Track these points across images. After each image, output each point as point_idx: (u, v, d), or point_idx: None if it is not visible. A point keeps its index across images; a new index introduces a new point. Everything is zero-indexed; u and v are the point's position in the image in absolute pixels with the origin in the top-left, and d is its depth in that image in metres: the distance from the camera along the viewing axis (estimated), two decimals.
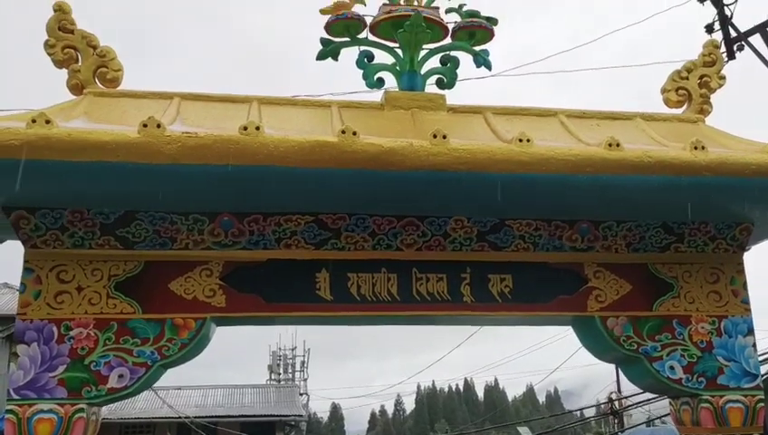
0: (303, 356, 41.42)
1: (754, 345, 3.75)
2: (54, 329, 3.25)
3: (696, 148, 3.35)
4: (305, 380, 40.20)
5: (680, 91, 4.31)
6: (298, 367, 41.43)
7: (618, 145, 3.31)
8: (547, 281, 3.70)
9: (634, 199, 3.44)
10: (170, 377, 3.61)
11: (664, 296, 3.75)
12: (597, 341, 3.75)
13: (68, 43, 3.80)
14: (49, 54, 3.79)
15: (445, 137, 3.22)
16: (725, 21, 10.45)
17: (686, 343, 3.69)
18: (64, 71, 3.84)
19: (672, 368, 3.65)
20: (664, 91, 4.34)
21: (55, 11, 3.83)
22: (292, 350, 41.78)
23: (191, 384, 29.68)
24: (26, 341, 3.21)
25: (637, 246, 3.76)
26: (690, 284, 3.79)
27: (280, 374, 41.10)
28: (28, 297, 3.28)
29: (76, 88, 3.78)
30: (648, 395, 11.16)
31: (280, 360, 41.68)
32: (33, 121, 2.94)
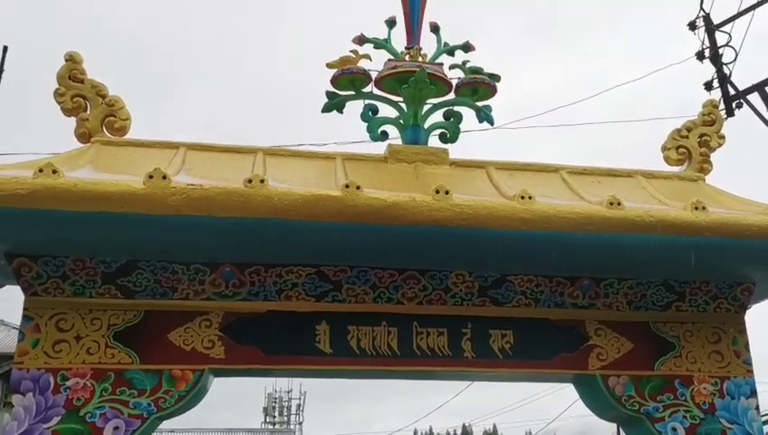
0: (300, 399, 40.82)
1: (757, 408, 3.71)
2: (51, 379, 3.22)
3: (696, 208, 3.37)
4: (301, 423, 39.53)
5: (680, 150, 4.36)
6: (294, 410, 40.78)
7: (619, 204, 3.34)
8: (548, 337, 3.68)
9: (635, 258, 3.45)
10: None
11: (665, 356, 3.73)
12: (598, 400, 3.72)
13: (77, 93, 3.86)
14: (58, 103, 3.85)
15: (447, 192, 3.25)
16: (724, 79, 10.64)
17: (689, 404, 3.65)
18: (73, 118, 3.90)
19: (674, 429, 3.60)
20: (664, 148, 4.39)
21: (66, 60, 3.91)
22: (288, 392, 41.21)
23: (184, 427, 29.19)
24: (22, 391, 3.17)
25: (638, 303, 3.76)
26: (692, 343, 3.77)
27: (275, 417, 40.43)
28: (26, 346, 3.26)
29: (84, 136, 3.83)
30: None
31: (275, 402, 41.07)
32: (41, 171, 2.97)
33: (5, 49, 11.84)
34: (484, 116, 4.33)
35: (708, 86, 10.84)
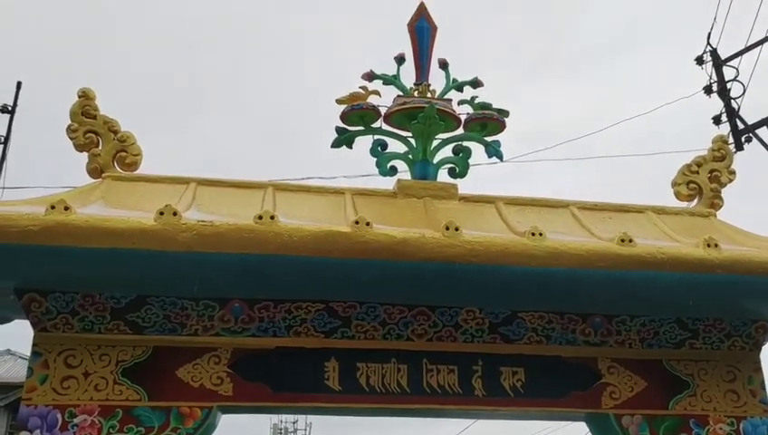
0: (305, 430, 40.31)
1: None
2: (59, 415, 3.19)
3: (709, 245, 3.35)
4: None
5: (691, 185, 4.35)
6: None
7: (630, 241, 3.31)
8: (560, 375, 3.63)
9: (647, 295, 3.42)
10: None
11: (680, 394, 3.66)
12: None
13: (90, 128, 3.90)
14: (71, 138, 3.88)
15: (457, 229, 3.24)
16: (733, 113, 10.66)
17: None
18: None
19: None
20: (675, 184, 4.38)
21: (79, 97, 3.95)
22: (294, 423, 40.68)
23: None
24: (29, 428, 3.15)
25: (651, 341, 3.71)
26: (707, 382, 3.71)
27: None
28: (34, 382, 3.24)
29: (95, 171, 3.85)
30: None
31: (281, 433, 40.56)
32: (53, 208, 2.98)
33: (19, 85, 12.03)
34: (493, 151, 4.35)
35: (717, 120, 10.85)
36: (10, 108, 11.57)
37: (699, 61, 11.34)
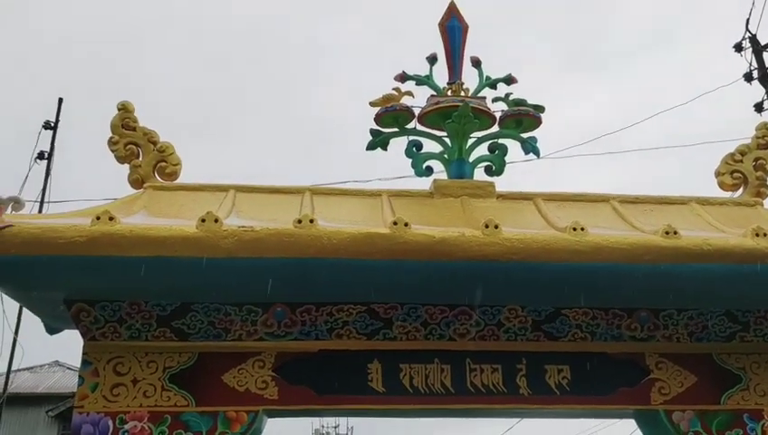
0: (347, 434, 40.45)
1: None
2: (110, 422, 3.26)
3: (757, 234, 3.26)
4: None
5: (735, 175, 4.24)
6: None
7: (675, 233, 3.25)
8: (607, 372, 3.57)
9: (694, 288, 3.34)
10: None
11: (732, 389, 3.57)
12: None
13: (130, 140, 3.98)
14: (112, 151, 3.97)
15: (497, 227, 3.21)
16: None
17: None
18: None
19: None
20: (718, 174, 4.27)
21: (119, 109, 4.04)
22: (336, 428, 40.86)
23: None
24: (83, 434, 3.22)
25: (700, 335, 3.63)
26: (760, 375, 3.61)
27: None
28: (85, 390, 3.32)
29: (137, 182, 3.93)
30: None
31: None
32: (98, 218, 3.05)
33: (60, 101, 12.35)
34: (530, 147, 4.30)
35: (759, 107, 10.58)
36: (53, 124, 11.89)
37: (738, 48, 11.07)
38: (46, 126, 11.89)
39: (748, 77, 10.84)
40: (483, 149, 4.33)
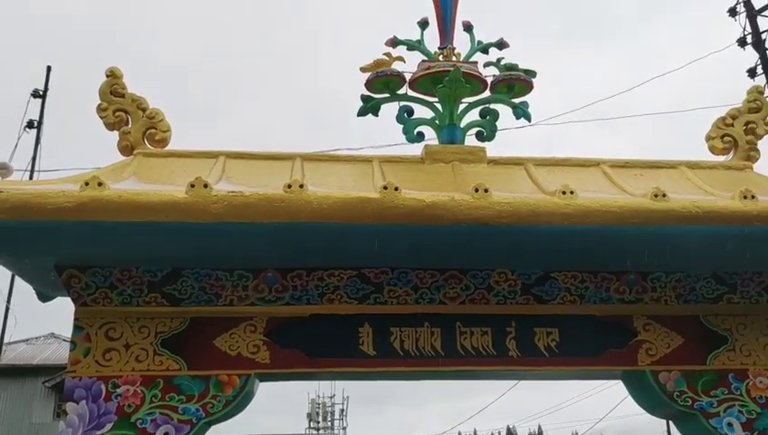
0: (342, 404, 40.95)
1: None
2: (102, 386, 3.29)
3: (745, 197, 3.28)
4: (344, 428, 39.61)
5: (725, 139, 4.24)
6: (337, 415, 40.92)
7: (664, 195, 3.26)
8: (595, 334, 3.61)
9: (682, 250, 3.37)
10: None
11: (718, 350, 3.63)
12: (649, 396, 3.63)
13: (119, 107, 3.94)
14: (101, 118, 3.93)
15: (486, 190, 3.22)
16: None
17: (744, 398, 3.55)
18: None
19: (730, 425, 3.50)
20: (709, 138, 4.28)
21: (108, 76, 3.99)
22: (332, 398, 41.33)
23: (230, 433, 29.50)
24: (75, 398, 3.25)
25: (687, 297, 3.67)
26: (745, 336, 3.66)
27: (319, 423, 40.60)
28: (78, 355, 3.34)
29: (126, 149, 3.91)
30: None
31: (319, 408, 41.25)
32: (87, 184, 3.04)
33: (49, 69, 12.21)
34: (521, 112, 4.29)
35: (752, 73, 10.55)
36: (41, 93, 11.77)
37: (732, 12, 11.00)
38: (35, 94, 11.77)
39: (742, 42, 10.79)
40: (474, 115, 4.32)
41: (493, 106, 4.29)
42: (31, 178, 11.06)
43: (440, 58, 4.34)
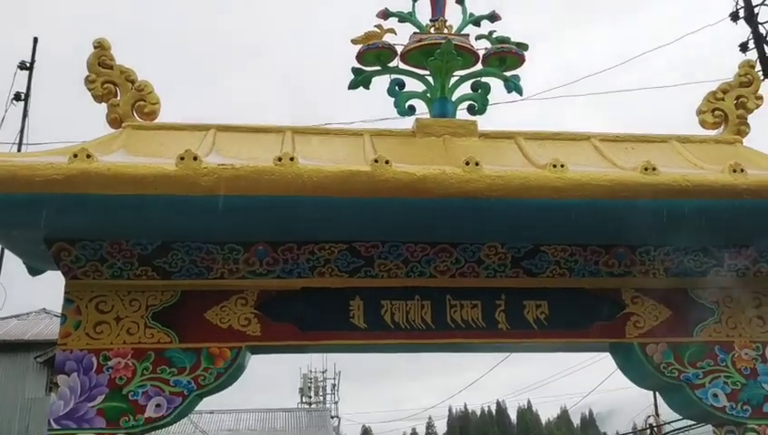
0: (334, 379, 41.35)
1: None
2: (94, 359, 3.29)
3: (735, 170, 3.29)
4: (336, 403, 40.08)
5: (716, 113, 4.25)
6: (329, 390, 41.35)
7: (654, 169, 3.27)
8: (584, 307, 3.64)
9: (672, 224, 3.38)
10: (203, 400, 3.61)
11: (705, 322, 3.67)
12: (636, 368, 3.68)
13: (107, 79, 3.90)
14: (89, 89, 3.89)
15: (477, 164, 3.22)
16: (761, 39, 10.31)
17: (730, 369, 3.60)
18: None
19: (715, 396, 3.55)
20: (699, 112, 4.28)
21: (95, 47, 3.94)
22: (323, 373, 41.73)
23: (223, 408, 29.76)
24: (66, 371, 3.26)
25: (676, 270, 3.70)
26: (732, 308, 3.70)
27: (311, 397, 41.03)
28: (68, 328, 3.34)
29: (115, 122, 3.87)
30: (688, 420, 10.86)
31: (311, 383, 41.64)
32: (75, 156, 3.01)
33: (36, 41, 12.03)
34: (513, 86, 4.27)
35: (744, 47, 10.52)
36: (28, 64, 11.61)
37: None
38: (22, 66, 11.60)
39: (734, 16, 10.75)
40: (466, 88, 4.30)
41: (484, 79, 4.28)
42: (19, 151, 10.95)
43: (432, 30, 4.30)
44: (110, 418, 3.21)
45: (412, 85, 4.27)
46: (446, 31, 4.31)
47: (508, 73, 4.27)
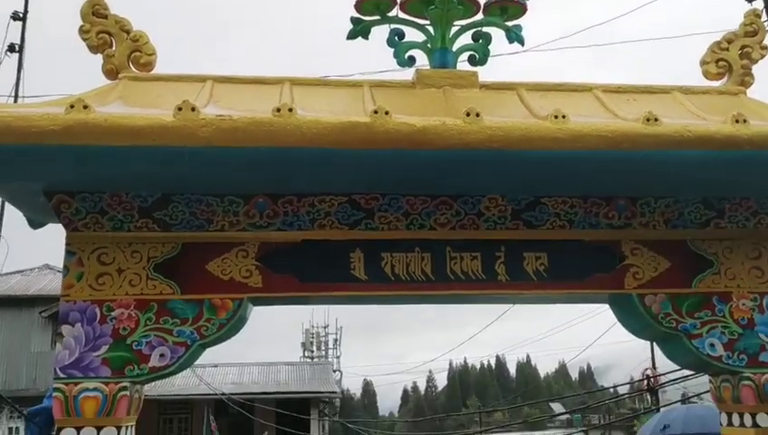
0: (336, 334, 41.91)
1: None
2: (97, 310, 3.32)
3: (737, 121, 3.26)
4: (338, 357, 40.71)
5: (720, 63, 4.19)
6: (331, 344, 41.97)
7: (656, 120, 3.23)
8: (583, 259, 3.66)
9: (673, 175, 3.37)
10: (207, 354, 3.67)
11: (703, 273, 3.68)
12: (635, 318, 3.71)
13: (102, 29, 3.83)
14: (84, 40, 3.83)
15: (478, 115, 3.18)
16: None
17: (727, 319, 3.63)
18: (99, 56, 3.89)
19: (712, 345, 3.59)
20: (703, 63, 4.22)
21: None
22: (325, 327, 42.28)
23: (227, 361, 30.23)
24: (70, 321, 3.30)
25: (675, 222, 3.70)
26: (731, 260, 3.72)
27: (313, 352, 41.65)
28: (71, 279, 3.36)
29: (111, 73, 3.82)
30: (684, 372, 11.04)
31: (313, 337, 42.22)
32: (72, 107, 2.98)
33: None
34: (515, 36, 4.20)
35: None
36: (21, 15, 11.41)
37: None
38: (15, 17, 11.39)
39: None
40: (466, 39, 4.23)
41: (485, 29, 4.20)
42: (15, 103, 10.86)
43: None
44: (114, 367, 3.26)
45: (412, 35, 4.20)
46: None
47: (510, 23, 4.19)
